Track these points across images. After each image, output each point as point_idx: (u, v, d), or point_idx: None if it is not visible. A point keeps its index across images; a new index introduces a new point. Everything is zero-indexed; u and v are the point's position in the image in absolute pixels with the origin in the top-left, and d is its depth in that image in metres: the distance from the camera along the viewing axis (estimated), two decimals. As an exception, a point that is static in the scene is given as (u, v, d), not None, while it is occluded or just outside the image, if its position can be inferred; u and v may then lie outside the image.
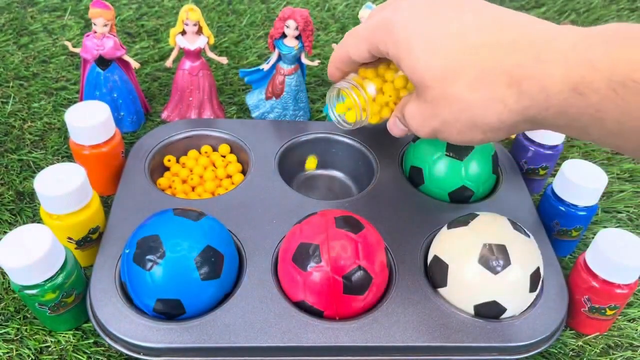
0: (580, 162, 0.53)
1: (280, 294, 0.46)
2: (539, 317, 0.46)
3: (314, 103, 0.73)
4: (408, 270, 0.49)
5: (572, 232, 0.54)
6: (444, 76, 0.36)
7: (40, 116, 0.67)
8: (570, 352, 0.49)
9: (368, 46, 0.41)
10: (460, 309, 0.46)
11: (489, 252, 0.44)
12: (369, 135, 0.62)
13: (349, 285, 0.43)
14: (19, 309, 0.48)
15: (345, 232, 0.44)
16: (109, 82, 0.63)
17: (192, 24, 0.61)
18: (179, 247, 0.43)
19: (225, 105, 0.71)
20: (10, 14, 0.84)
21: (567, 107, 0.32)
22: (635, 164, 0.68)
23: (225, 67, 0.78)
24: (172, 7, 0.89)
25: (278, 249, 0.50)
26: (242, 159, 0.62)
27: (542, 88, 0.33)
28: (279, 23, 0.60)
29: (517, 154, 0.61)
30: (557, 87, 0.32)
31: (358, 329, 0.44)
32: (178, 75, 0.65)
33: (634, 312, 0.52)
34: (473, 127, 0.37)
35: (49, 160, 0.62)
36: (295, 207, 0.54)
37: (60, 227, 0.47)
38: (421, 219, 0.54)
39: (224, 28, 0.86)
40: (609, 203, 0.63)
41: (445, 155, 0.55)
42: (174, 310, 0.43)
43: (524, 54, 0.34)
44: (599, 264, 0.46)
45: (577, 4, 0.99)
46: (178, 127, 0.62)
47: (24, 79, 0.73)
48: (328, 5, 0.93)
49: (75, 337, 0.47)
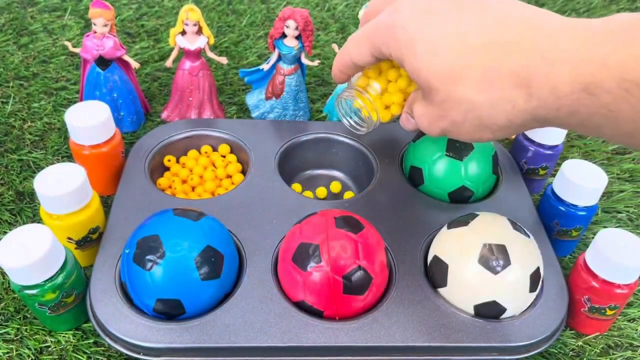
0: (580, 162, 0.53)
1: (280, 294, 0.46)
2: (539, 317, 0.46)
3: (314, 103, 0.73)
4: (408, 270, 0.49)
5: (572, 232, 0.54)
6: (448, 78, 0.36)
7: (40, 116, 0.67)
8: (570, 352, 0.49)
9: (370, 49, 0.40)
10: (460, 309, 0.46)
11: (489, 252, 0.44)
12: (369, 135, 0.62)
13: (349, 285, 0.43)
14: (19, 309, 0.48)
15: (345, 232, 0.44)
16: (109, 82, 0.63)
17: (192, 24, 0.61)
18: (179, 247, 0.43)
19: (225, 105, 0.71)
20: (10, 14, 0.84)
21: (579, 107, 0.31)
22: (636, 164, 0.68)
23: (225, 67, 0.78)
24: (172, 7, 0.89)
25: (278, 249, 0.50)
26: (242, 159, 0.62)
27: (552, 89, 0.32)
28: (279, 23, 0.60)
29: (517, 154, 0.61)
30: (567, 87, 0.31)
31: (358, 329, 0.44)
32: (178, 75, 0.65)
33: (634, 312, 0.52)
34: (482, 127, 0.37)
35: (49, 160, 0.62)
36: (295, 207, 0.54)
37: (60, 227, 0.47)
38: (421, 219, 0.54)
39: (224, 28, 0.86)
40: (609, 203, 0.63)
41: (445, 155, 0.55)
42: (174, 310, 0.43)
43: (529, 53, 0.33)
44: (599, 264, 0.46)
45: (577, 4, 0.99)
46: (178, 127, 0.62)
47: (24, 79, 0.73)
48: (328, 5, 0.93)
49: (75, 337, 0.47)
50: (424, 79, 0.37)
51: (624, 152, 0.70)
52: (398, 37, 0.37)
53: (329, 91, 0.75)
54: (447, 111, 0.37)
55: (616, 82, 0.29)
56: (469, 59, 0.35)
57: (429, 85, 0.37)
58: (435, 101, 0.38)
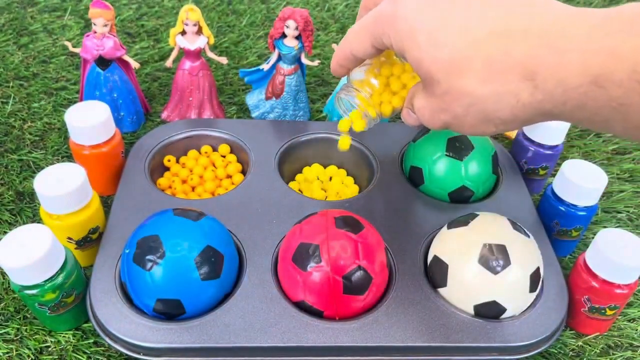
0: (580, 162, 0.53)
1: (280, 294, 0.46)
2: (539, 317, 0.46)
3: (314, 103, 0.73)
4: (408, 270, 0.49)
5: (572, 232, 0.54)
6: (451, 69, 0.34)
7: (40, 116, 0.67)
8: (570, 352, 0.49)
9: (371, 40, 0.39)
10: (460, 309, 0.46)
11: (489, 252, 0.44)
12: (369, 135, 0.62)
13: (349, 285, 0.43)
14: (19, 309, 0.48)
15: (345, 232, 0.44)
16: (109, 82, 0.63)
17: (192, 24, 0.61)
18: (179, 247, 0.43)
19: (225, 105, 0.71)
20: (10, 14, 0.84)
21: (587, 100, 0.30)
22: (636, 164, 0.68)
23: (225, 67, 0.78)
24: (172, 7, 0.89)
25: (278, 249, 0.50)
26: (242, 159, 0.62)
27: (559, 81, 0.31)
28: (279, 23, 0.60)
29: (517, 154, 0.61)
30: (575, 80, 0.30)
31: (358, 329, 0.44)
32: (178, 75, 0.65)
33: (634, 312, 0.52)
34: (485, 120, 0.35)
35: (49, 160, 0.62)
36: (295, 207, 0.54)
37: (60, 227, 0.47)
38: (421, 219, 0.54)
39: (224, 28, 0.86)
40: (609, 203, 0.63)
41: (445, 155, 0.55)
42: (174, 310, 0.43)
43: (536, 42, 0.31)
44: (599, 264, 0.46)
45: (577, 4, 0.99)
46: (178, 127, 0.62)
47: (24, 79, 0.73)
48: (328, 5, 0.93)
49: (75, 337, 0.47)
50: (426, 70, 0.36)
51: (624, 152, 0.70)
52: (399, 27, 0.36)
53: (329, 91, 0.75)
54: (449, 104, 0.36)
55: (627, 74, 0.28)
56: (473, 49, 0.33)
57: (430, 77, 0.36)
58: (436, 93, 0.36)
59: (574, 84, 0.30)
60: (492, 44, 0.33)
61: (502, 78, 0.33)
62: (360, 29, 0.40)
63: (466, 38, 0.34)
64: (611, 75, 0.28)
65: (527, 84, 0.32)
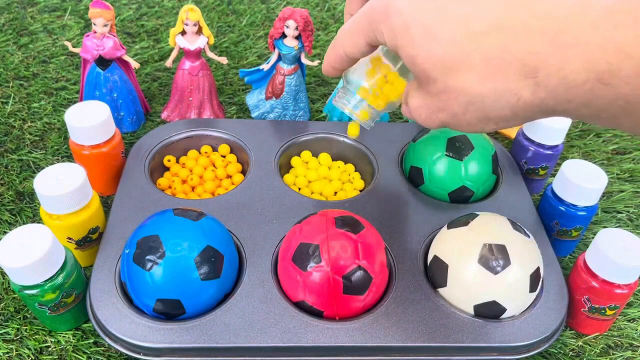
0: (580, 162, 0.53)
1: (280, 294, 0.46)
2: (539, 317, 0.46)
3: (314, 103, 0.73)
4: (408, 270, 0.49)
5: (572, 232, 0.54)
6: (448, 66, 0.33)
7: (40, 116, 0.67)
8: (570, 352, 0.49)
9: (365, 37, 0.37)
10: (460, 309, 0.46)
11: (489, 252, 0.44)
12: (369, 135, 0.62)
13: (349, 285, 0.43)
14: (19, 309, 0.48)
15: (345, 232, 0.44)
16: (109, 82, 0.63)
17: (192, 24, 0.61)
18: (179, 247, 0.43)
19: (225, 105, 0.71)
20: (10, 14, 0.84)
21: (592, 98, 0.28)
22: (636, 164, 0.68)
23: (225, 67, 0.78)
24: (172, 7, 0.89)
25: (278, 249, 0.50)
26: (242, 159, 0.62)
27: (562, 79, 0.29)
28: (279, 23, 0.60)
29: (517, 154, 0.61)
30: (580, 77, 0.28)
31: (358, 329, 0.44)
32: (178, 75, 0.65)
33: (634, 312, 0.52)
34: (484, 119, 0.34)
35: (49, 160, 0.62)
36: (295, 207, 0.54)
37: (60, 227, 0.47)
38: (421, 219, 0.54)
39: (224, 28, 0.86)
40: (609, 203, 0.63)
41: (445, 155, 0.55)
42: (174, 310, 0.43)
43: (537, 37, 0.29)
44: (598, 264, 0.46)
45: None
46: (178, 127, 0.62)
47: (24, 79, 0.73)
48: (328, 5, 0.93)
49: (75, 337, 0.47)
50: (421, 68, 0.34)
51: (624, 152, 0.70)
52: (392, 22, 0.34)
53: (329, 91, 0.75)
54: (446, 103, 0.34)
55: (634, 71, 0.26)
56: (471, 45, 0.31)
57: (426, 75, 0.34)
58: (432, 92, 0.35)
59: (579, 80, 0.28)
60: (493, 39, 0.31)
61: (501, 75, 0.31)
62: (352, 28, 0.38)
63: (464, 32, 0.32)
64: (618, 72, 0.27)
65: (529, 81, 0.30)
